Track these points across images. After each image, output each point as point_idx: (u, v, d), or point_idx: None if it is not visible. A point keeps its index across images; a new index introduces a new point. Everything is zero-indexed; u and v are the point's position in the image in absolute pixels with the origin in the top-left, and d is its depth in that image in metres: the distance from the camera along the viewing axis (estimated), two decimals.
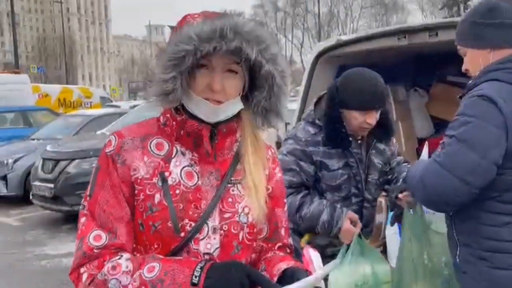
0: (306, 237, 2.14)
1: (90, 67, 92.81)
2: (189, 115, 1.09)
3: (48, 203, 6.65)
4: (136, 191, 1.07)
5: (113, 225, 1.05)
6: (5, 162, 7.83)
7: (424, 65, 4.34)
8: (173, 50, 1.02)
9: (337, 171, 2.10)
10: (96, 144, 6.53)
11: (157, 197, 1.07)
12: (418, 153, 3.84)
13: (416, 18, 37.91)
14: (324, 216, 2.04)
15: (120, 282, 0.99)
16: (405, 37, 2.93)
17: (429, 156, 1.76)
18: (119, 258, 1.02)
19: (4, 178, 7.73)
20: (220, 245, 1.09)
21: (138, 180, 1.08)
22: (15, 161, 7.83)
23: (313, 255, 1.42)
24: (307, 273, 1.13)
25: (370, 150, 2.17)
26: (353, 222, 2.03)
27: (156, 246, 1.07)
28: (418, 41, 2.91)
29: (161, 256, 1.04)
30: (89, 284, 1.01)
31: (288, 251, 1.27)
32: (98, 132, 7.67)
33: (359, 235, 2.00)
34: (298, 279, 1.06)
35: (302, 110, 3.19)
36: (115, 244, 1.04)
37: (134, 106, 11.15)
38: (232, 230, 1.11)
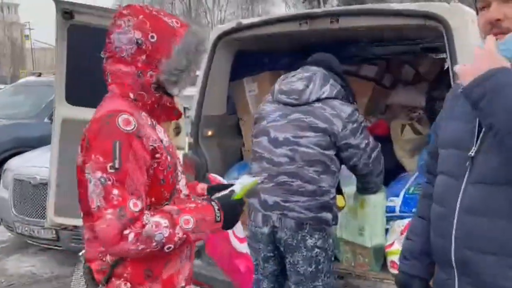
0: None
1: None
2: (163, 92, 1.38)
3: None
4: (157, 155, 1.32)
5: (140, 191, 1.25)
6: None
7: (326, 52, 4.44)
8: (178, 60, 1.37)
9: None
10: None
11: (167, 156, 1.36)
12: None
13: (279, 9, 39.82)
14: None
15: (163, 235, 1.23)
16: (306, 23, 2.94)
17: None
18: (151, 217, 1.24)
19: None
20: (185, 183, 1.50)
21: (156, 147, 1.32)
22: None
23: (216, 176, 1.85)
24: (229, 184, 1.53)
25: None
26: None
27: (166, 193, 1.36)
28: (320, 27, 2.94)
29: (175, 208, 1.30)
30: (135, 241, 1.20)
31: None
32: None
33: None
34: (225, 188, 1.51)
35: (202, 94, 3.09)
36: (144, 206, 1.26)
37: None
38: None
